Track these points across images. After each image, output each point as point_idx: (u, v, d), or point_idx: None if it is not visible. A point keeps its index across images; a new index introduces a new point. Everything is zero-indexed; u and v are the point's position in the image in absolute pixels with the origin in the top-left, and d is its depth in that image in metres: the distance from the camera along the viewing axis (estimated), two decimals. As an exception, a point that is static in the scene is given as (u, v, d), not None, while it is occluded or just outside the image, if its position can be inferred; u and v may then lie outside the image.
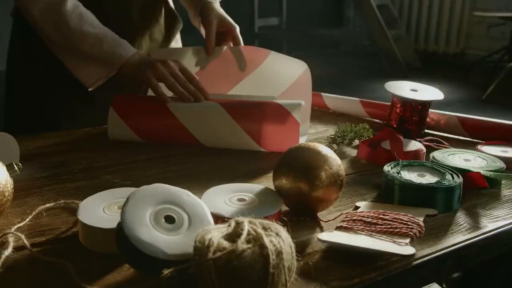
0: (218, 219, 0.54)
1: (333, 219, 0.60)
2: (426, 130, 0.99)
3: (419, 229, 0.54)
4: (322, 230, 0.59)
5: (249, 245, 0.43)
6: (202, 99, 0.90)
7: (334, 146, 0.68)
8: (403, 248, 0.50)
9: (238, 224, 0.46)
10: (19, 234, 0.52)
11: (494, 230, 0.59)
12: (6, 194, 0.57)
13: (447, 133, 0.98)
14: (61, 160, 0.81)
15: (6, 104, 1.14)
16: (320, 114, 1.15)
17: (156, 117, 0.88)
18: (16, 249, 0.52)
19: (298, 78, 0.98)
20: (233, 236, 0.44)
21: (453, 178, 0.66)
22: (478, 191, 0.70)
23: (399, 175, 0.67)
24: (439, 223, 0.60)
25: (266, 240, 0.43)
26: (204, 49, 1.02)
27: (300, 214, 0.61)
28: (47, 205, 0.62)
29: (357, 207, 0.64)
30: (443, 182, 0.65)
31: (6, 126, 1.13)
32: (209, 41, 1.02)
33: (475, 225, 0.60)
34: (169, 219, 0.49)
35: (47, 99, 1.08)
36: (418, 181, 0.65)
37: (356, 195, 0.69)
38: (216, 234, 0.44)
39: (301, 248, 0.54)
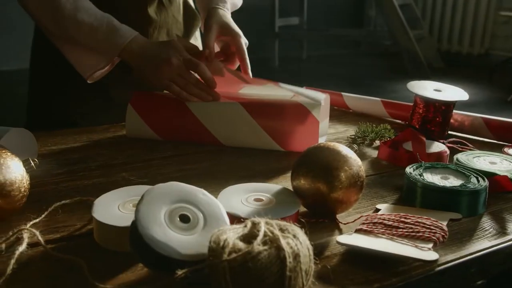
0: (234, 219, 0.53)
1: (353, 222, 0.58)
2: (449, 132, 0.96)
3: (442, 233, 0.52)
4: (341, 232, 0.57)
5: (266, 247, 0.41)
6: (219, 98, 0.89)
7: (355, 146, 0.66)
8: (426, 253, 0.48)
9: (255, 225, 0.44)
10: (34, 231, 0.52)
11: (522, 236, 0.57)
12: (22, 189, 0.57)
13: (472, 134, 0.95)
14: (78, 157, 0.81)
15: (29, 101, 1.16)
16: (340, 114, 1.12)
17: (175, 115, 0.87)
18: (31, 245, 0.51)
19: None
20: (249, 237, 0.43)
21: (478, 181, 0.64)
22: (504, 195, 0.67)
23: (422, 177, 0.65)
24: (464, 228, 0.58)
25: (283, 242, 0.42)
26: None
27: (319, 216, 0.59)
28: (63, 201, 0.62)
29: (377, 210, 0.62)
30: (468, 185, 0.62)
31: (28, 123, 1.15)
32: (207, 46, 0.96)
33: (502, 231, 0.58)
34: (184, 218, 0.48)
35: (66, 97, 1.09)
36: (442, 184, 0.63)
37: (377, 197, 0.67)
38: (232, 235, 0.43)
39: (319, 251, 0.52)
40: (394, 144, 0.83)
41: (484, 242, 0.55)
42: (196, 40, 1.26)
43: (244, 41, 1.02)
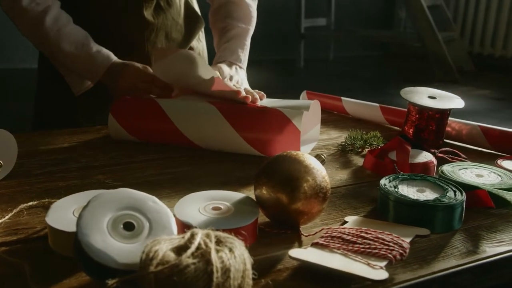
0: (186, 228, 0.52)
1: (314, 234, 0.56)
2: (447, 141, 0.93)
3: (401, 251, 0.50)
4: (301, 245, 0.55)
5: (195, 260, 0.40)
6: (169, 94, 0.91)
7: (323, 156, 0.64)
8: (375, 272, 0.46)
9: (192, 236, 0.43)
10: (-12, 232, 0.52)
11: (494, 256, 0.53)
12: (-14, 191, 0.58)
13: (469, 144, 0.91)
14: (62, 158, 0.82)
15: (36, 100, 1.18)
16: (338, 119, 1.10)
17: (153, 121, 0.87)
18: (-16, 247, 0.52)
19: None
20: (182, 249, 0.42)
21: (455, 195, 0.61)
22: (486, 210, 0.64)
23: (396, 189, 0.62)
24: (432, 245, 0.55)
25: (214, 255, 0.40)
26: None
27: (283, 226, 0.58)
28: (30, 203, 0.62)
29: (345, 222, 0.60)
30: (443, 200, 0.59)
31: (34, 122, 1.17)
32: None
33: (473, 249, 0.55)
34: (129, 226, 0.48)
35: (69, 97, 1.10)
36: (415, 197, 0.60)
37: (349, 209, 0.64)
38: (165, 246, 0.42)
39: (271, 264, 0.51)
40: (381, 153, 0.80)
41: (450, 261, 0.52)
42: (200, 42, 1.25)
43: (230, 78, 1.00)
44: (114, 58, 0.97)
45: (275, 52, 5.16)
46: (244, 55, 1.05)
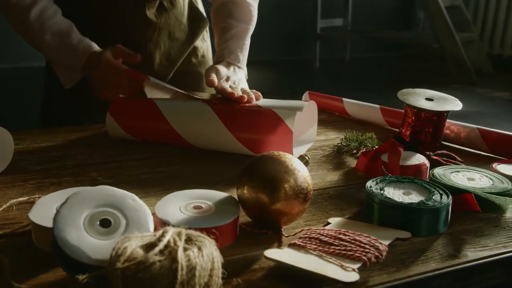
0: (164, 225, 0.52)
1: (294, 235, 0.56)
2: (446, 143, 0.92)
3: (376, 253, 0.49)
4: (280, 245, 0.55)
5: (161, 258, 0.41)
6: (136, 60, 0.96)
7: (307, 157, 0.64)
8: (346, 274, 0.46)
9: (162, 234, 0.44)
10: (-26, 226, 0.54)
11: (475, 260, 0.53)
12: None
13: (468, 147, 0.89)
14: (59, 155, 0.83)
15: (43, 98, 1.20)
16: (338, 120, 1.09)
17: (149, 121, 0.88)
18: (-30, 240, 0.53)
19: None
20: (151, 247, 0.42)
21: (441, 198, 0.60)
22: (475, 215, 0.63)
23: (382, 191, 0.62)
24: (413, 248, 0.55)
25: (180, 253, 0.41)
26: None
27: (265, 227, 0.58)
28: (20, 199, 0.64)
29: (328, 223, 0.60)
30: (427, 203, 0.59)
31: (42, 119, 1.19)
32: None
33: (454, 253, 0.54)
34: (105, 223, 0.49)
35: (74, 96, 1.12)
36: (400, 200, 0.60)
37: (335, 210, 0.64)
38: (134, 243, 0.43)
39: (247, 264, 0.51)
40: (375, 155, 0.80)
41: (430, 265, 0.52)
42: (204, 41, 1.26)
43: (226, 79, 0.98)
44: (95, 47, 0.98)
45: (290, 53, 5.15)
46: (243, 55, 1.05)
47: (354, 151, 0.86)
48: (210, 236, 0.45)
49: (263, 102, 0.88)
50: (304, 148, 0.89)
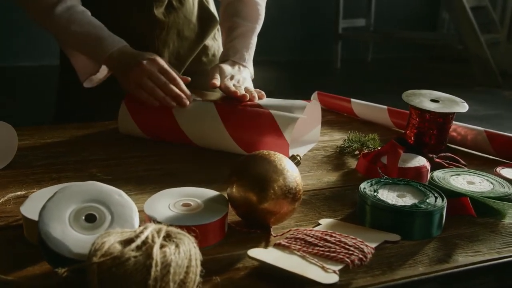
0: (151, 222, 0.53)
1: (281, 235, 0.56)
2: (452, 146, 0.90)
3: (360, 255, 0.49)
4: (267, 245, 0.55)
5: (137, 253, 0.41)
6: (186, 103, 0.87)
7: (298, 157, 0.63)
8: (325, 275, 0.45)
9: (142, 230, 0.44)
10: (-32, 219, 0.55)
11: (464, 266, 0.51)
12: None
13: (474, 150, 0.87)
14: (64, 151, 0.85)
15: (57, 95, 1.23)
16: (346, 121, 1.08)
17: (159, 115, 0.88)
18: (-36, 232, 0.55)
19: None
20: (130, 242, 0.43)
21: (435, 201, 0.59)
22: (472, 219, 0.62)
23: (375, 193, 0.61)
24: (402, 252, 0.54)
25: (156, 250, 0.41)
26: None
27: (254, 226, 0.58)
28: (18, 192, 0.65)
29: (318, 224, 0.59)
30: (420, 206, 0.58)
31: (56, 116, 1.22)
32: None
33: (444, 258, 0.53)
34: (91, 218, 0.49)
35: (86, 93, 1.14)
36: (393, 202, 0.59)
37: (328, 211, 0.64)
38: (113, 238, 0.43)
39: (232, 262, 0.51)
40: (376, 156, 0.79)
41: (417, 269, 0.51)
42: (215, 40, 1.26)
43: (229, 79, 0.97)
44: (126, 44, 0.97)
45: (310, 53, 5.12)
46: (249, 54, 1.05)
47: (356, 152, 0.85)
48: (190, 234, 0.45)
49: (267, 101, 0.88)
50: (306, 148, 0.88)
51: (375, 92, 3.59)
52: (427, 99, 0.85)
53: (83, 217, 0.49)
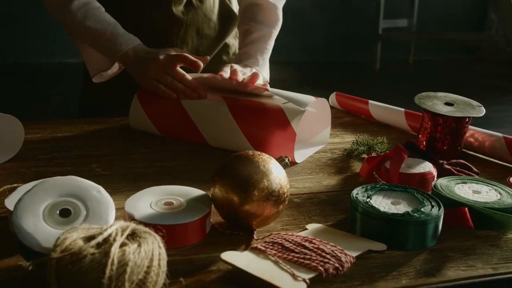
0: (130, 219, 0.52)
1: (262, 238, 0.54)
2: (468, 152, 0.85)
3: (336, 264, 0.46)
4: (247, 248, 0.53)
5: (95, 251, 0.40)
6: (205, 96, 0.88)
7: (286, 159, 0.61)
8: (294, 283, 0.43)
9: (107, 227, 0.43)
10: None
11: (452, 281, 0.48)
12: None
13: (492, 157, 0.82)
14: (69, 145, 0.86)
15: (82, 92, 1.25)
16: (362, 123, 1.05)
17: (172, 111, 0.89)
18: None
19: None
20: (92, 239, 0.42)
21: (431, 210, 0.55)
22: (473, 231, 0.58)
23: (368, 199, 0.58)
24: (388, 262, 0.51)
25: (114, 248, 0.40)
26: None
27: (237, 228, 0.56)
28: (15, 185, 0.66)
29: (305, 229, 0.57)
30: (413, 214, 0.54)
31: (80, 111, 1.25)
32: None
33: (431, 272, 0.49)
34: (65, 213, 0.49)
35: (103, 89, 1.15)
36: (385, 210, 0.56)
37: (319, 216, 0.61)
38: (77, 234, 0.43)
39: (206, 264, 0.50)
40: (382, 160, 0.75)
41: (399, 281, 0.48)
42: (237, 39, 1.25)
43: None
44: (140, 42, 0.98)
45: (349, 54, 5.04)
46: (263, 58, 1.03)
47: (364, 156, 0.82)
48: (158, 234, 0.44)
49: (275, 91, 0.86)
50: (312, 150, 0.86)
51: (413, 94, 3.48)
52: (441, 102, 0.80)
53: (58, 212, 0.49)
